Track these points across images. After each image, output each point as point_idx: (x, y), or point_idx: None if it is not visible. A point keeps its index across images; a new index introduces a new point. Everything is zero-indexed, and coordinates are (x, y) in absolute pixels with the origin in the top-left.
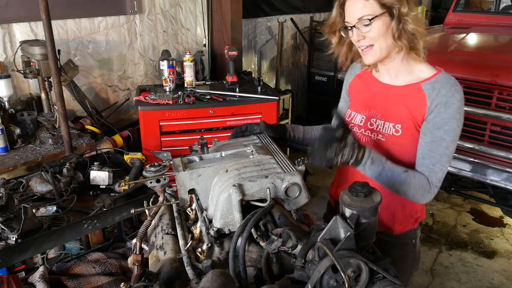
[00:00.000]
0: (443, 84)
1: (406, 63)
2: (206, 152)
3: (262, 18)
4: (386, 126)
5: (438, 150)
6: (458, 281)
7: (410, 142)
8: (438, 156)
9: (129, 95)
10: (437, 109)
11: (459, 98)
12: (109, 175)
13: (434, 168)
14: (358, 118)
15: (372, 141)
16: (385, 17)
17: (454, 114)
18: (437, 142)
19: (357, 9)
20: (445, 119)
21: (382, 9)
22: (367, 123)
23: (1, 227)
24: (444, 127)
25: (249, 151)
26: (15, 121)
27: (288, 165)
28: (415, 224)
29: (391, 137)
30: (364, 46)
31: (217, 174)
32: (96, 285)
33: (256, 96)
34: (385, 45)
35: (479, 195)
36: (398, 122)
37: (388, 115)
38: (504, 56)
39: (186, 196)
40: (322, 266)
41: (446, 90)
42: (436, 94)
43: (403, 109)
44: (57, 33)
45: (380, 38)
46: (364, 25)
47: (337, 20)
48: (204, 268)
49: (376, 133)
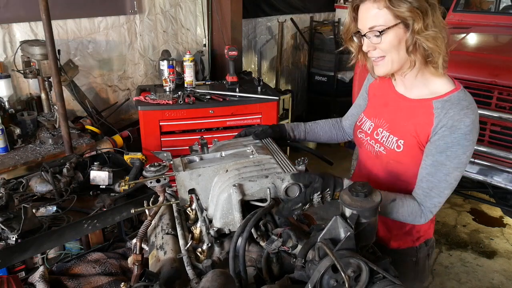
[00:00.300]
0: (453, 104)
1: (422, 76)
2: (206, 152)
3: (262, 18)
4: (389, 140)
5: (437, 175)
6: (458, 281)
7: (411, 161)
8: (436, 182)
9: (129, 95)
10: (441, 131)
11: (469, 124)
12: (109, 175)
13: (430, 193)
14: (367, 124)
15: (375, 152)
16: (399, 29)
17: (460, 140)
18: (437, 166)
19: (370, 16)
20: (449, 143)
21: (396, 20)
22: (374, 132)
23: (1, 227)
24: (446, 151)
25: (249, 151)
26: (15, 121)
27: (288, 165)
28: (416, 242)
29: (392, 152)
30: (374, 57)
31: (217, 174)
32: (96, 285)
33: (256, 96)
34: (397, 58)
35: (479, 195)
36: (402, 137)
37: (394, 128)
38: (504, 56)
39: (186, 196)
40: (322, 266)
41: (454, 113)
42: (444, 114)
43: (410, 125)
44: (57, 33)
45: (392, 51)
46: (375, 36)
47: (352, 26)
48: (204, 268)
49: (379, 144)
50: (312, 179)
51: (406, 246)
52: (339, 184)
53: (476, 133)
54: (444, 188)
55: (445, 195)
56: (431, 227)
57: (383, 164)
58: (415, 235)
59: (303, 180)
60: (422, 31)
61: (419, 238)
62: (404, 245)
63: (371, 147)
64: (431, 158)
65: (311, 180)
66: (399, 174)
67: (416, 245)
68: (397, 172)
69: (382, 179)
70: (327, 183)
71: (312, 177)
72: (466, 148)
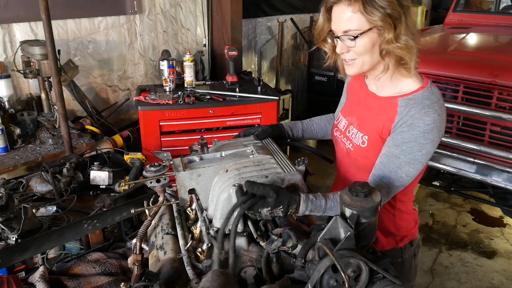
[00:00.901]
0: (416, 103)
1: (393, 77)
2: (206, 152)
3: (262, 18)
4: (357, 136)
5: (389, 166)
6: (458, 281)
7: (375, 155)
8: (387, 171)
9: (129, 95)
10: (401, 128)
11: (429, 122)
12: (109, 175)
13: (380, 182)
14: (342, 123)
15: (346, 150)
16: (373, 34)
17: (417, 137)
18: (391, 158)
19: (344, 19)
20: (406, 139)
21: (370, 25)
22: (346, 130)
23: (1, 227)
24: (402, 146)
25: (249, 151)
26: (15, 121)
27: (288, 165)
28: (400, 243)
29: (358, 148)
30: (348, 59)
31: (217, 174)
32: (96, 285)
33: (256, 96)
34: (370, 60)
35: (479, 195)
36: (367, 133)
37: (362, 125)
38: (504, 56)
39: (186, 196)
40: (322, 266)
41: (415, 111)
42: (406, 113)
43: (376, 121)
44: (57, 33)
45: (365, 54)
46: (349, 39)
47: (325, 27)
48: (204, 268)
49: (349, 141)
50: (266, 193)
51: (390, 247)
52: (294, 202)
53: (438, 132)
54: (394, 180)
55: (394, 187)
56: (415, 228)
57: (352, 160)
58: (398, 236)
59: (257, 190)
60: (393, 42)
61: (402, 238)
62: (388, 246)
63: (343, 145)
64: (386, 149)
65: (265, 194)
66: (367, 169)
67: (401, 246)
68: (364, 167)
69: (354, 175)
70: (281, 201)
71: (267, 191)
72: (422, 146)
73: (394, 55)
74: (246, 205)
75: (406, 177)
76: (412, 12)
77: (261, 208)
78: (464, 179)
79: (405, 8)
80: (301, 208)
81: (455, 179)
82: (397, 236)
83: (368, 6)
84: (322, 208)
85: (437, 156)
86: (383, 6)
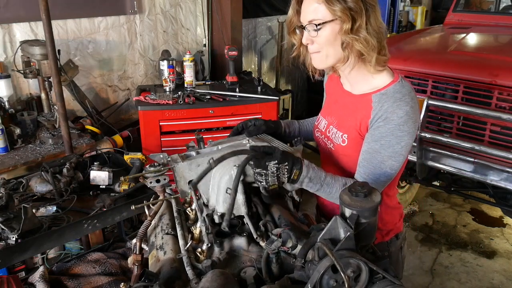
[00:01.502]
0: (388, 97)
1: (362, 73)
2: (203, 147)
3: (262, 18)
4: (337, 135)
5: (372, 162)
6: (458, 281)
7: (356, 152)
8: (371, 168)
9: (129, 95)
10: (377, 123)
11: (402, 115)
12: (109, 175)
13: (367, 179)
14: (322, 123)
15: (328, 150)
16: (335, 25)
17: (393, 130)
18: (372, 154)
19: (310, 10)
20: (383, 133)
21: (333, 16)
22: (327, 130)
23: (1, 227)
24: (380, 141)
25: (245, 142)
26: (15, 121)
27: (286, 147)
28: (386, 237)
29: (339, 147)
30: (312, 50)
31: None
32: (96, 285)
33: (256, 96)
34: (333, 53)
35: (479, 195)
36: (346, 132)
37: (340, 124)
38: (504, 56)
39: (186, 188)
40: (322, 266)
41: (388, 105)
42: (380, 107)
43: (353, 119)
44: (57, 33)
45: (328, 46)
46: (313, 29)
47: (294, 19)
48: (204, 268)
49: (330, 141)
50: (272, 150)
51: (376, 242)
52: (298, 162)
53: (413, 123)
54: (379, 175)
55: (381, 182)
56: (400, 221)
57: (333, 159)
58: (384, 230)
59: (263, 148)
60: (349, 33)
61: (388, 232)
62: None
63: (325, 145)
64: (367, 145)
65: (271, 151)
66: (349, 167)
67: (387, 240)
68: (346, 166)
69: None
70: (286, 157)
71: (272, 148)
72: (400, 138)
73: (354, 49)
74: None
75: (390, 170)
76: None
77: (269, 162)
78: (464, 179)
79: (368, 5)
80: (303, 171)
81: (455, 179)
82: (383, 230)
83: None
84: (321, 180)
85: (437, 156)
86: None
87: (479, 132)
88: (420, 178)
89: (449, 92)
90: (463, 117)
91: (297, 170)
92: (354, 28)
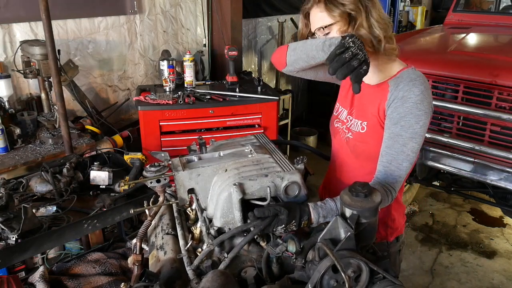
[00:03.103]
0: (403, 79)
1: (375, 63)
2: (205, 151)
3: (262, 18)
4: (356, 124)
5: (394, 147)
6: (458, 281)
7: (374, 139)
8: (394, 153)
9: (129, 95)
10: (394, 104)
11: (418, 93)
12: (109, 175)
13: (390, 166)
14: (344, 114)
15: (346, 139)
16: (339, 26)
17: (411, 109)
18: (394, 138)
19: (316, 19)
20: (401, 114)
21: (334, 20)
22: (347, 120)
23: (1, 227)
24: (400, 122)
25: (247, 150)
26: (15, 121)
27: (287, 164)
28: (390, 237)
29: (357, 134)
30: None
31: (216, 173)
32: (96, 285)
33: (256, 96)
34: None
35: (479, 195)
36: (365, 119)
37: (359, 113)
38: (504, 56)
39: (185, 196)
40: (322, 266)
41: (403, 85)
42: (395, 88)
43: (372, 107)
44: (57, 33)
45: None
46: (322, 34)
47: (304, 31)
48: (204, 268)
49: (348, 130)
50: (278, 211)
51: (379, 241)
52: (305, 213)
53: (428, 104)
54: (402, 160)
55: (404, 168)
56: (404, 222)
57: (350, 148)
58: (390, 228)
59: (268, 212)
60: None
61: (393, 232)
62: (378, 239)
63: (343, 134)
64: (388, 131)
65: (276, 212)
66: (366, 155)
67: (390, 240)
68: (363, 153)
69: (352, 164)
70: (293, 215)
71: (277, 209)
72: (418, 117)
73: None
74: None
75: (412, 153)
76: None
77: (275, 227)
78: (464, 179)
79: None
80: (313, 217)
81: (455, 179)
82: (391, 228)
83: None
84: (334, 210)
85: (437, 156)
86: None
87: (479, 132)
88: (420, 178)
89: (449, 92)
90: (463, 117)
91: (306, 221)
92: (356, 26)
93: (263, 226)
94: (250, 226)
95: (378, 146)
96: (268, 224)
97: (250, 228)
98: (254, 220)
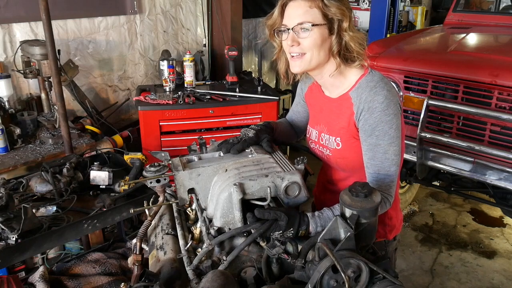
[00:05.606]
0: (364, 89)
1: (337, 75)
2: (205, 152)
3: (263, 18)
4: (331, 141)
5: (377, 157)
6: (458, 281)
7: (353, 152)
8: (379, 163)
9: (129, 95)
10: (362, 116)
11: (382, 100)
12: (109, 175)
13: (379, 176)
14: (314, 133)
15: (325, 157)
16: (325, 30)
17: (381, 117)
18: (374, 149)
19: (299, 14)
20: (372, 124)
21: (324, 21)
22: (320, 139)
23: (1, 227)
24: (374, 132)
25: (248, 150)
26: (15, 121)
27: (288, 164)
28: (389, 235)
29: (334, 151)
30: (295, 53)
31: (216, 173)
32: (96, 285)
33: (256, 96)
34: (317, 57)
35: (479, 195)
36: (338, 135)
37: (331, 129)
38: (504, 56)
39: (185, 196)
40: (322, 266)
41: (366, 95)
42: (359, 100)
43: (340, 121)
44: (57, 33)
45: (314, 49)
46: (302, 30)
47: (278, 21)
48: (204, 268)
49: (325, 148)
50: (278, 216)
51: (378, 239)
52: (304, 223)
53: (395, 105)
54: (389, 166)
55: (393, 172)
56: (401, 220)
57: (333, 164)
58: (388, 226)
59: (268, 215)
60: (347, 31)
61: (391, 230)
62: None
63: (321, 153)
64: (365, 143)
65: (276, 217)
66: (350, 167)
67: (389, 239)
68: (347, 166)
69: (340, 179)
70: (291, 223)
71: (278, 214)
72: (389, 122)
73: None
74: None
75: (395, 156)
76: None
77: (273, 232)
78: (464, 179)
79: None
80: (311, 227)
81: (455, 179)
82: (389, 226)
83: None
84: (331, 219)
85: (437, 156)
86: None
87: (479, 132)
88: (420, 178)
89: (449, 92)
90: (463, 117)
91: (303, 231)
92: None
93: (262, 230)
94: (250, 228)
95: (359, 157)
96: (267, 228)
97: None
98: (253, 221)
